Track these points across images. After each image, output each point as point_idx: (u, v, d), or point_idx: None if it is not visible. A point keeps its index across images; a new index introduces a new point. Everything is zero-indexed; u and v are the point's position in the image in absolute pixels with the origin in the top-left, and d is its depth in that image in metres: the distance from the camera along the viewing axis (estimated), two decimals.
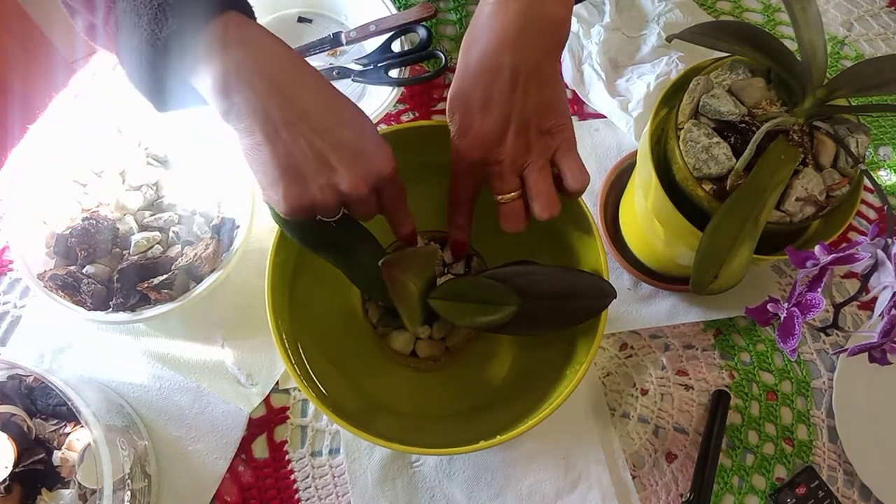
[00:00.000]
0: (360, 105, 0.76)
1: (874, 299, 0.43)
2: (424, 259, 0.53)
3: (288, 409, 0.67)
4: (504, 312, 0.50)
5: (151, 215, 0.68)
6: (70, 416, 0.58)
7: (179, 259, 0.65)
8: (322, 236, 0.50)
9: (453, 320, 0.52)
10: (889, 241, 0.43)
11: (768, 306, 0.47)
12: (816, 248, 0.45)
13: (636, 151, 0.63)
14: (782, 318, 0.46)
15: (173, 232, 0.67)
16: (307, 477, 0.65)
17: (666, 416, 0.68)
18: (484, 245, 0.62)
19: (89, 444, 0.56)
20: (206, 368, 0.67)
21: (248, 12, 0.46)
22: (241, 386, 0.67)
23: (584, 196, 0.56)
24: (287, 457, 0.66)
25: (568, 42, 0.80)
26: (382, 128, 0.58)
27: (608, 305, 0.52)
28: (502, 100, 0.48)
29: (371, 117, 0.72)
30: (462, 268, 0.62)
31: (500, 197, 0.51)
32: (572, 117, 0.78)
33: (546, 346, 0.59)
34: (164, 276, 0.63)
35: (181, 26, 0.42)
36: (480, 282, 0.52)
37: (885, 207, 0.47)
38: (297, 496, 0.65)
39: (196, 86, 0.44)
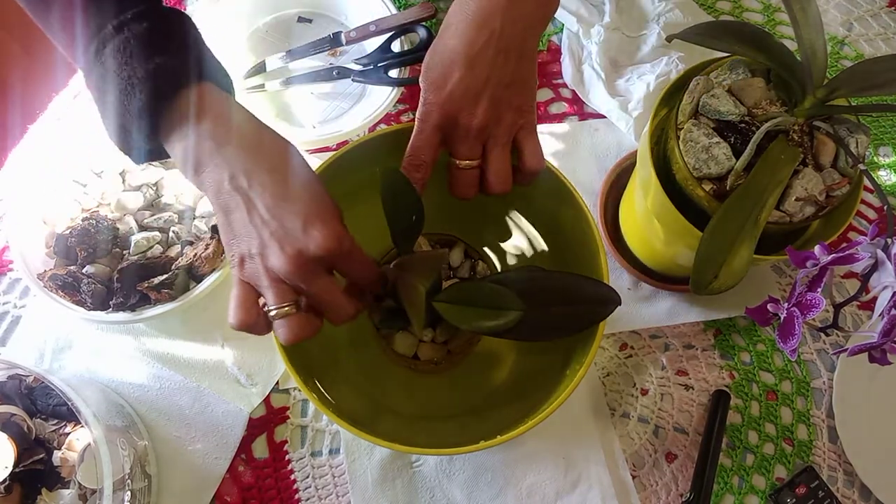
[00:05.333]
0: (360, 105, 0.77)
1: (874, 299, 0.43)
2: (434, 262, 0.53)
3: (288, 409, 0.67)
4: (508, 318, 0.50)
5: (151, 215, 0.68)
6: (70, 416, 0.58)
7: (179, 259, 0.65)
8: None
9: (457, 324, 0.52)
10: (889, 241, 0.43)
11: (768, 306, 0.47)
12: (816, 248, 0.45)
13: (636, 151, 0.63)
14: (782, 318, 0.46)
15: (173, 232, 0.67)
16: (307, 477, 0.65)
17: (666, 416, 0.68)
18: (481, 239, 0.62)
19: (89, 444, 0.56)
20: (206, 368, 0.67)
21: (224, 83, 0.46)
22: (241, 386, 0.67)
23: (584, 196, 0.56)
24: (287, 457, 0.66)
25: (568, 42, 0.81)
26: (382, 128, 0.58)
27: (612, 312, 0.51)
28: (487, 59, 0.49)
29: (371, 117, 0.73)
30: (468, 271, 0.62)
31: (459, 162, 0.52)
32: (572, 117, 0.79)
33: (546, 347, 0.59)
34: (164, 276, 0.63)
35: (149, 100, 0.42)
36: (485, 286, 0.52)
37: (885, 207, 0.47)
38: (297, 496, 0.65)
39: (169, 153, 0.45)
